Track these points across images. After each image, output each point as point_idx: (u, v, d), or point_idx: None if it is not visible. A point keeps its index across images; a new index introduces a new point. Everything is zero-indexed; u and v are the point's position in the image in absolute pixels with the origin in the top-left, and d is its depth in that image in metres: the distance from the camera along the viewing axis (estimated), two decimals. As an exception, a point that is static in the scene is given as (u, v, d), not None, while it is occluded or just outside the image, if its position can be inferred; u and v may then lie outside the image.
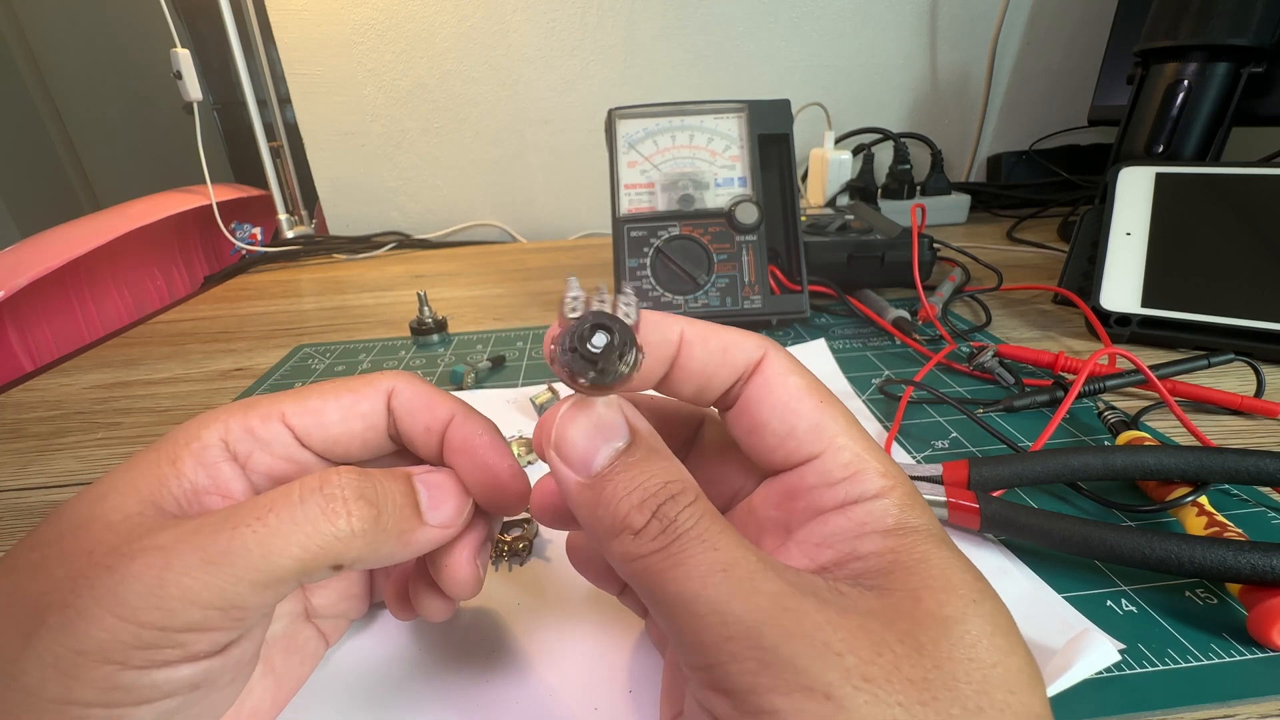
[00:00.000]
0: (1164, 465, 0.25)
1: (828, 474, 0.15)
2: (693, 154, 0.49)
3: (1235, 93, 0.50)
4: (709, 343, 0.16)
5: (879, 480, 0.15)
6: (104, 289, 0.77)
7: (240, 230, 0.80)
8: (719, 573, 0.12)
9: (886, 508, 0.14)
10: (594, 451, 0.14)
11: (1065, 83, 0.86)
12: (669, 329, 0.16)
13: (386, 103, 0.86)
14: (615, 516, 0.13)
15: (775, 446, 0.15)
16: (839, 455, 0.15)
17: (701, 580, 0.12)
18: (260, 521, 0.14)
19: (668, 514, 0.13)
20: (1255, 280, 0.39)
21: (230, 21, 0.76)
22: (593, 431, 0.14)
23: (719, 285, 0.47)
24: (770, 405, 0.15)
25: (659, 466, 0.14)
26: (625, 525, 0.13)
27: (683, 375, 0.16)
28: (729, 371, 0.16)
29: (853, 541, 0.14)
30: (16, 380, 0.50)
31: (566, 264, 0.74)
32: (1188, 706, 0.18)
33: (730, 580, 0.12)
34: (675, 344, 0.16)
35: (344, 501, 0.15)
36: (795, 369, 0.16)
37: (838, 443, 0.15)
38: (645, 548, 0.13)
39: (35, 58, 1.53)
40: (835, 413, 0.15)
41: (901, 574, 0.13)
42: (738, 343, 0.16)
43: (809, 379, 0.16)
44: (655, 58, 0.84)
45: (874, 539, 0.14)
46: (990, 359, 0.38)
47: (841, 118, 0.84)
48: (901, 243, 0.50)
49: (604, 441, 0.14)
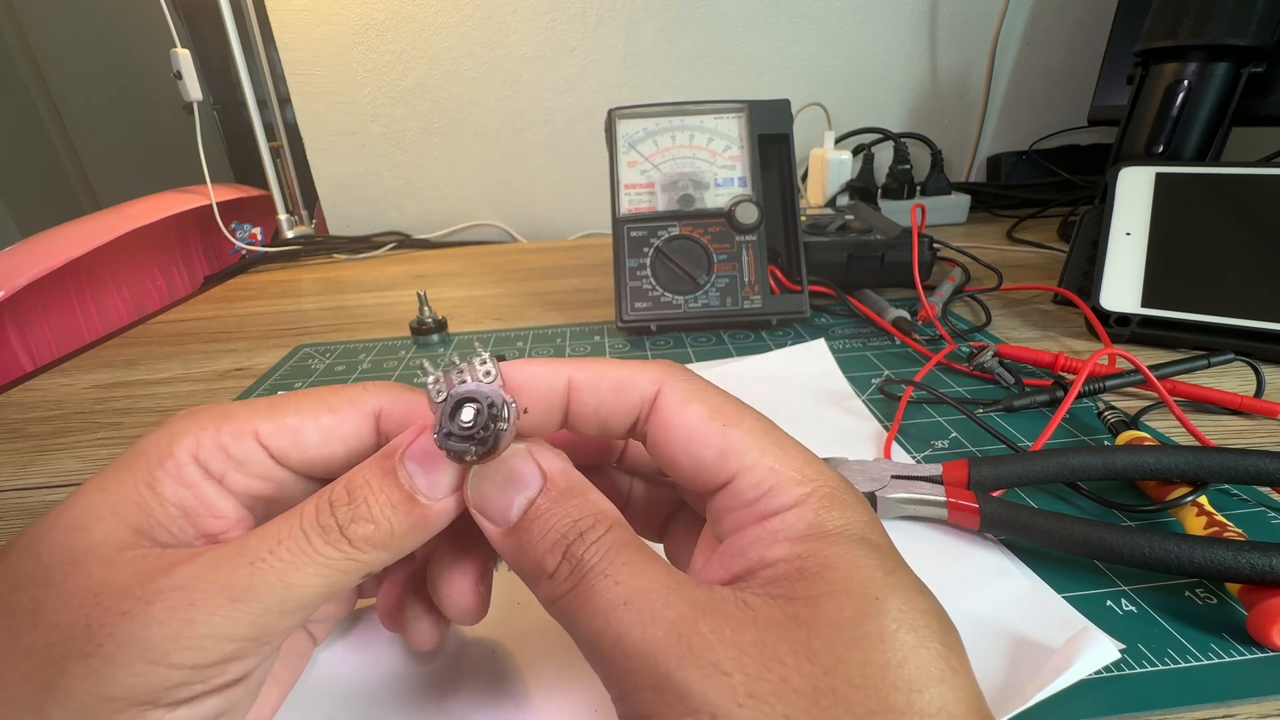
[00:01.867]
0: (1164, 465, 0.25)
1: (741, 495, 0.15)
2: (693, 154, 0.49)
3: (1235, 93, 0.50)
4: (599, 386, 0.16)
5: (794, 490, 0.14)
6: (104, 289, 0.77)
7: (240, 230, 0.80)
8: (620, 607, 0.13)
9: (800, 515, 0.14)
10: (509, 504, 0.15)
11: (1065, 83, 0.86)
12: (555, 378, 0.16)
13: (386, 103, 0.86)
14: (534, 562, 0.14)
15: (690, 478, 0.15)
16: (749, 475, 0.15)
17: (605, 617, 0.13)
18: (274, 555, 0.14)
19: (575, 553, 0.14)
20: (1255, 280, 0.39)
21: (230, 21, 0.76)
22: (505, 484, 0.15)
23: (719, 285, 0.47)
24: (673, 441, 0.15)
25: (571, 506, 0.15)
26: (542, 570, 0.14)
27: (579, 420, 0.16)
28: (624, 411, 0.16)
29: (761, 550, 0.14)
30: (16, 380, 0.50)
31: (566, 264, 0.74)
32: (1187, 706, 0.18)
33: (630, 613, 0.13)
34: (564, 391, 0.16)
35: (338, 530, 0.14)
36: (695, 395, 0.16)
37: (746, 463, 0.15)
38: (559, 589, 0.14)
39: (35, 58, 1.53)
40: (743, 431, 0.15)
41: (806, 580, 0.13)
42: (630, 380, 0.16)
43: (712, 401, 0.16)
44: (655, 58, 0.84)
45: (783, 546, 0.14)
46: (990, 359, 0.38)
47: (841, 118, 0.84)
48: (901, 243, 0.50)
49: (517, 492, 0.15)
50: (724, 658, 0.12)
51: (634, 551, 0.14)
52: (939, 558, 0.24)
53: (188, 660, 0.13)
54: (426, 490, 0.15)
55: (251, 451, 0.16)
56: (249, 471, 0.16)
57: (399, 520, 0.15)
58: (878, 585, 0.13)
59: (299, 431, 0.16)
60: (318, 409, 0.17)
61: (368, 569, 0.15)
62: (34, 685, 0.13)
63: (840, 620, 0.12)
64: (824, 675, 0.11)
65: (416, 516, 0.15)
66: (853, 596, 0.12)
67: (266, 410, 0.16)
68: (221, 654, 0.13)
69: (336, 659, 0.21)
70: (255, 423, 0.16)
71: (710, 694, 0.11)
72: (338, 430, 0.17)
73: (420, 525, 0.15)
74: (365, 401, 0.17)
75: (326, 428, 0.17)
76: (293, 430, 0.16)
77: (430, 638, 0.19)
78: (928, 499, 0.25)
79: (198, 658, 0.13)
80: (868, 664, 0.12)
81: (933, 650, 0.12)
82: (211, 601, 0.13)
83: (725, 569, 0.14)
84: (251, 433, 0.16)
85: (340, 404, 0.17)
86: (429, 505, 0.15)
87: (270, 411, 0.16)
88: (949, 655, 0.12)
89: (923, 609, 0.13)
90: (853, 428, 0.34)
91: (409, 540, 0.15)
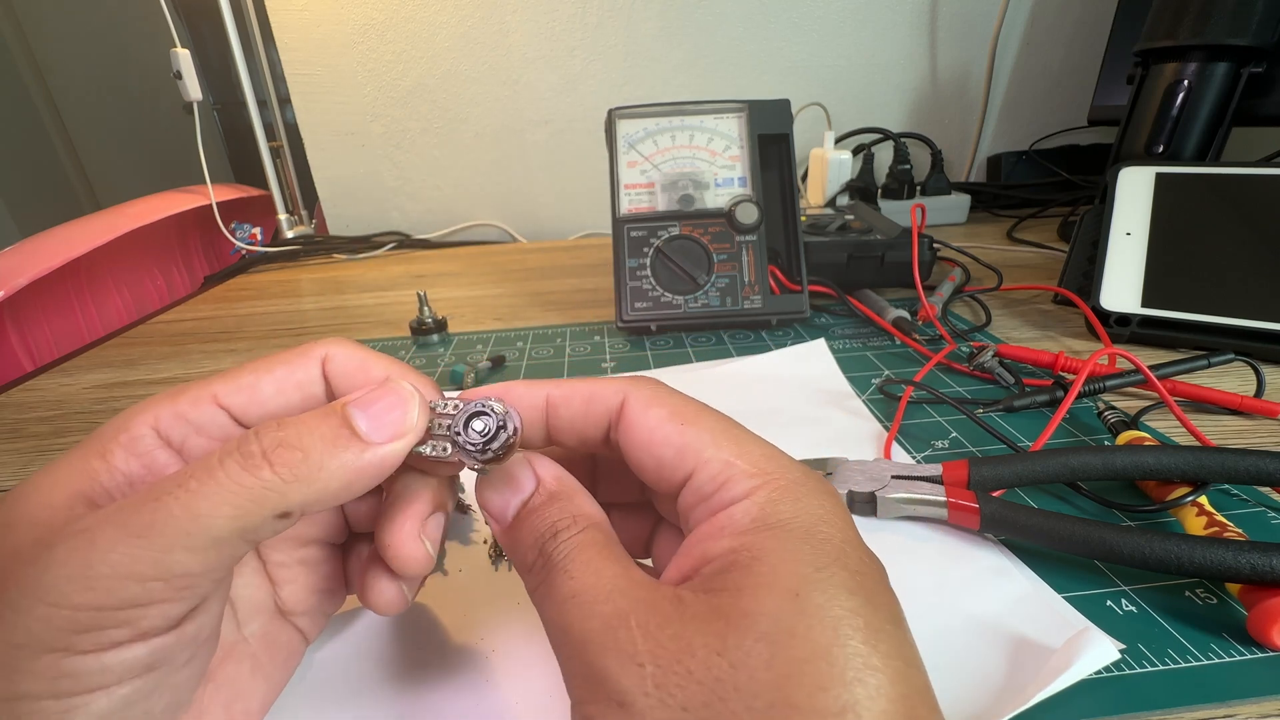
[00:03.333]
0: (1164, 465, 0.25)
1: (700, 490, 0.15)
2: (693, 154, 0.49)
3: (1235, 93, 0.50)
4: (573, 401, 0.17)
5: (747, 481, 0.15)
6: (104, 289, 0.77)
7: (240, 230, 0.80)
8: (569, 599, 0.14)
9: (746, 508, 0.14)
10: (507, 505, 0.17)
11: (1065, 83, 0.86)
12: (536, 395, 0.17)
13: (386, 103, 0.86)
14: (520, 557, 0.16)
15: (655, 479, 0.16)
16: (707, 469, 0.15)
17: (558, 607, 0.14)
18: (182, 488, 0.13)
19: (547, 550, 0.15)
20: (1255, 280, 0.39)
21: (230, 21, 0.76)
22: (504, 487, 0.17)
23: (719, 285, 0.47)
24: (637, 444, 0.16)
25: (555, 508, 0.16)
26: (524, 564, 0.16)
27: (559, 434, 0.18)
28: (595, 422, 0.17)
29: (705, 545, 0.14)
30: (16, 380, 0.50)
31: (566, 264, 0.74)
32: (1187, 706, 0.18)
33: (576, 605, 0.14)
34: (543, 408, 0.18)
35: (263, 454, 0.14)
36: (656, 400, 0.16)
37: (704, 457, 0.15)
38: (534, 582, 0.15)
39: (35, 58, 1.53)
40: (699, 428, 0.16)
41: (736, 573, 0.13)
42: (599, 393, 0.17)
43: (673, 405, 0.16)
44: (655, 58, 0.84)
45: (726, 540, 0.14)
46: (990, 359, 0.38)
47: (841, 118, 0.84)
48: (901, 243, 0.50)
49: (513, 494, 0.17)
50: (642, 650, 0.12)
51: (596, 551, 0.15)
52: (939, 558, 0.24)
53: (89, 600, 0.12)
54: (368, 430, 0.15)
55: (210, 414, 0.16)
56: (210, 434, 0.17)
57: (331, 454, 0.14)
58: (802, 580, 0.13)
59: (254, 386, 0.17)
60: (270, 364, 0.17)
61: (284, 506, 0.14)
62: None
63: (756, 613, 0.12)
64: (729, 668, 0.12)
65: (352, 453, 0.14)
66: (773, 591, 0.12)
67: (222, 377, 0.17)
68: (127, 595, 0.13)
69: (334, 660, 0.21)
70: (212, 388, 0.17)
71: (623, 682, 0.12)
72: (291, 378, 0.17)
73: (354, 465, 0.14)
74: (313, 350, 0.18)
75: (280, 378, 0.17)
76: (248, 386, 0.17)
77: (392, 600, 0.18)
78: (928, 499, 0.25)
79: (99, 598, 0.13)
80: (775, 658, 0.12)
81: (848, 648, 0.12)
82: (110, 538, 0.13)
83: (679, 569, 0.15)
84: (209, 397, 0.16)
85: (290, 356, 0.18)
86: (366, 443, 0.15)
87: (225, 377, 0.17)
88: (869, 654, 0.12)
89: (847, 606, 0.12)
90: (853, 428, 0.34)
91: (335, 480, 0.14)
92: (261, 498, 0.13)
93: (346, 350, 0.18)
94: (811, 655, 0.11)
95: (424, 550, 0.17)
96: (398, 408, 0.15)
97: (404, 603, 0.19)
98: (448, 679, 0.20)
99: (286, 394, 0.17)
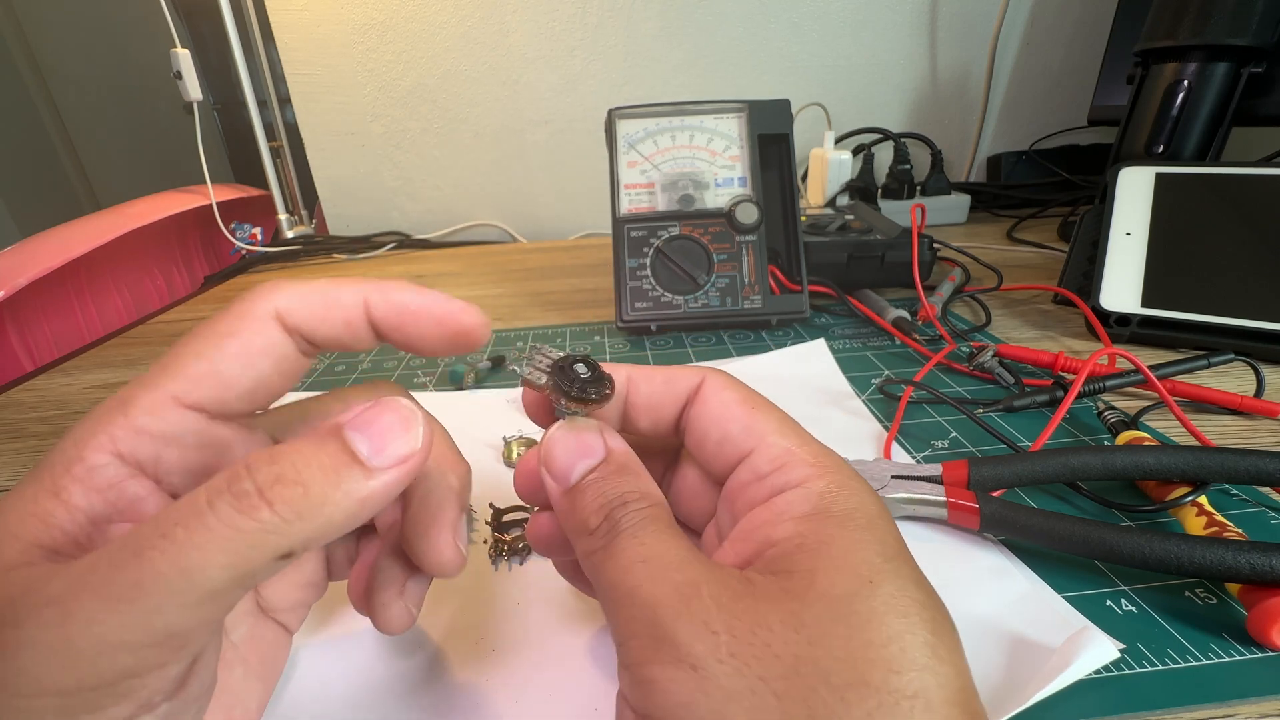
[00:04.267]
0: (1164, 465, 0.25)
1: (757, 468, 0.16)
2: (693, 154, 0.49)
3: (1235, 93, 0.50)
4: (653, 379, 0.18)
5: (805, 469, 0.15)
6: (104, 289, 0.77)
7: (240, 230, 0.80)
8: (638, 564, 0.14)
9: (806, 494, 0.15)
10: (572, 467, 0.16)
11: (1065, 83, 0.86)
12: (618, 372, 0.18)
13: (386, 103, 0.86)
14: (580, 519, 0.16)
15: (715, 453, 0.17)
16: (768, 451, 0.16)
17: (624, 569, 0.14)
18: (166, 539, 0.11)
19: (615, 516, 0.15)
20: (1255, 280, 0.39)
21: (230, 21, 0.76)
22: (574, 450, 0.17)
23: (719, 285, 0.47)
24: (707, 417, 0.17)
25: (624, 480, 0.16)
26: (585, 526, 0.15)
27: (635, 411, 0.19)
28: (673, 400, 0.18)
29: (768, 530, 0.15)
30: (16, 380, 0.50)
31: (566, 264, 0.74)
32: (1187, 706, 0.18)
33: (646, 569, 0.14)
34: (625, 383, 0.18)
35: (259, 492, 0.12)
36: (730, 385, 0.18)
37: (768, 440, 0.16)
38: (594, 544, 0.15)
39: (35, 58, 1.53)
40: (767, 415, 0.17)
41: (805, 556, 0.13)
42: (678, 374, 0.18)
43: (744, 393, 0.17)
44: (655, 58, 0.84)
45: (788, 525, 0.14)
46: (990, 359, 0.38)
47: (841, 118, 0.84)
48: (901, 243, 0.50)
49: (581, 459, 0.16)
50: (716, 618, 0.12)
51: (665, 526, 0.15)
52: (939, 558, 0.24)
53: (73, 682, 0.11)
54: (370, 454, 0.13)
55: (178, 420, 0.14)
56: (184, 444, 0.15)
57: (334, 485, 0.13)
58: (874, 568, 0.13)
59: (215, 373, 0.14)
60: (215, 339, 0.15)
61: (287, 547, 0.12)
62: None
63: (831, 595, 0.13)
64: (807, 644, 0.12)
65: (357, 482, 0.13)
66: (846, 575, 0.13)
67: (166, 372, 0.14)
68: (119, 667, 0.11)
69: (333, 660, 0.21)
70: (164, 389, 0.14)
71: (696, 647, 0.12)
72: (249, 349, 0.15)
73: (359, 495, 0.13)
74: (256, 308, 0.15)
75: (236, 353, 0.15)
76: (209, 375, 0.14)
77: (400, 621, 0.18)
78: (928, 499, 0.25)
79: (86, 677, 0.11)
80: (851, 639, 0.12)
81: (919, 637, 0.12)
82: (88, 609, 0.11)
83: (736, 552, 0.15)
84: (167, 400, 0.14)
85: (231, 324, 0.15)
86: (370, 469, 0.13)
87: (170, 370, 0.14)
88: (937, 645, 0.12)
89: (916, 598, 0.13)
90: (853, 428, 0.34)
91: (340, 512, 0.13)
92: (261, 541, 0.12)
93: (299, 295, 0.15)
94: (887, 640, 0.12)
95: (461, 553, 0.18)
96: (401, 427, 0.14)
97: (413, 619, 0.19)
98: (447, 679, 0.20)
99: (255, 366, 0.15)
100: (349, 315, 0.16)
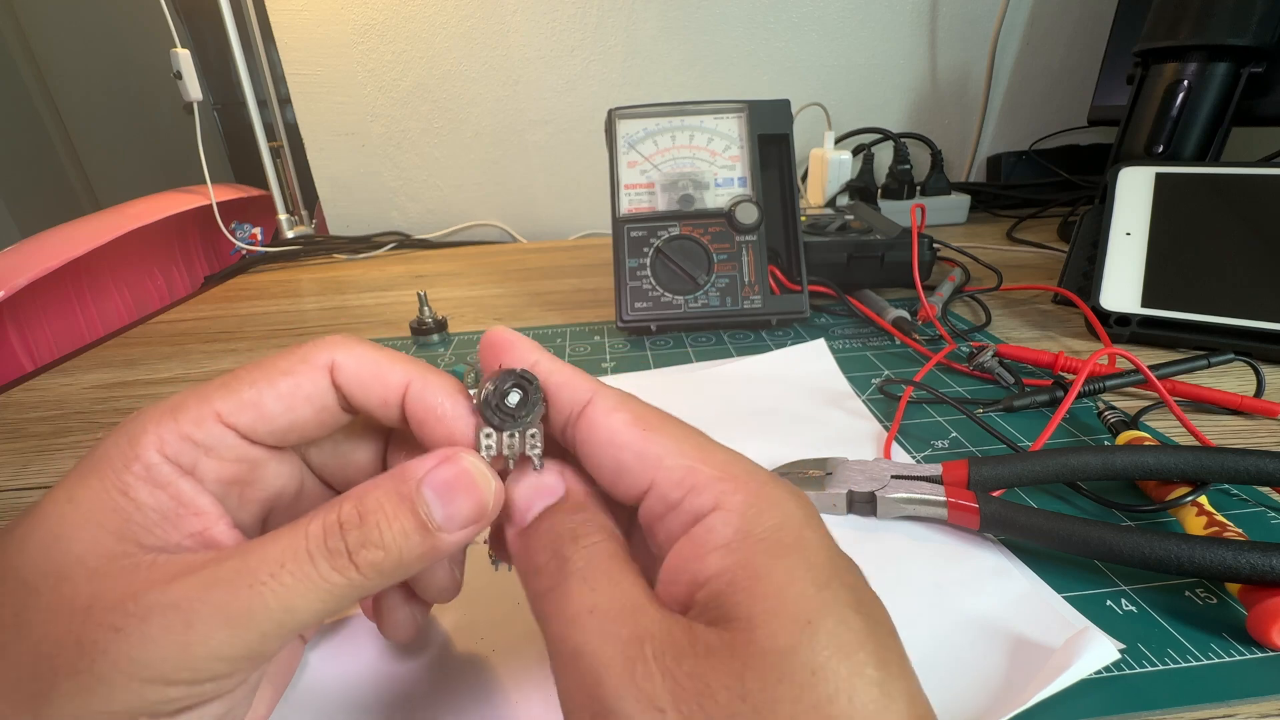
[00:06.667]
0: (1164, 465, 0.25)
1: (666, 497, 0.15)
2: (693, 154, 0.49)
3: (1235, 93, 0.50)
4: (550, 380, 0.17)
5: (716, 487, 0.14)
6: (104, 289, 0.77)
7: (240, 230, 0.80)
8: (586, 614, 0.13)
9: (725, 519, 0.14)
10: (529, 507, 0.16)
11: (1065, 83, 0.86)
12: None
13: (386, 103, 0.86)
14: (530, 559, 0.15)
15: (614, 486, 0.16)
16: (669, 475, 0.15)
17: (570, 621, 0.13)
18: (276, 580, 0.13)
19: (564, 553, 0.15)
20: (1255, 280, 0.39)
21: (230, 21, 0.76)
22: (532, 492, 0.16)
23: (719, 285, 0.47)
24: (595, 442, 0.16)
25: (578, 516, 0.16)
26: (534, 566, 0.15)
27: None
28: (558, 409, 0.16)
29: (694, 567, 0.14)
30: (16, 380, 0.50)
31: (566, 264, 0.74)
32: (1187, 706, 0.18)
33: (593, 621, 0.13)
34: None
35: (348, 554, 0.14)
36: (621, 405, 0.16)
37: (666, 463, 0.15)
38: (542, 585, 0.15)
39: (35, 58, 1.53)
40: (663, 435, 0.15)
41: (740, 597, 0.13)
42: (571, 382, 0.16)
43: (636, 410, 0.16)
44: (655, 58, 0.84)
45: (714, 558, 0.13)
46: (990, 359, 0.38)
47: (841, 118, 0.84)
48: (901, 243, 0.50)
49: (540, 499, 0.16)
50: (661, 691, 0.12)
51: (617, 564, 0.14)
52: (939, 558, 0.24)
53: (184, 678, 0.13)
54: (443, 522, 0.15)
55: (218, 435, 0.16)
56: (220, 456, 0.16)
57: (410, 549, 0.14)
58: (810, 605, 0.12)
59: (259, 404, 0.16)
60: (271, 374, 0.16)
61: (368, 593, 0.15)
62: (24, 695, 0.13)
63: (773, 650, 0.12)
64: (753, 714, 0.11)
65: (428, 547, 0.15)
66: (783, 621, 0.12)
67: (220, 390, 0.16)
68: (215, 673, 0.13)
69: (334, 661, 0.21)
70: (213, 405, 0.15)
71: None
72: (298, 393, 0.16)
73: (429, 555, 0.15)
74: (316, 357, 0.16)
75: (285, 392, 0.16)
76: (253, 404, 0.16)
77: (407, 630, 0.19)
78: (928, 499, 0.25)
79: (192, 676, 0.13)
80: (798, 701, 0.11)
81: (867, 678, 0.12)
82: (208, 624, 0.13)
83: (669, 594, 0.14)
84: (212, 415, 0.15)
85: (292, 364, 0.16)
86: (442, 538, 0.15)
87: (224, 390, 0.16)
88: (885, 680, 0.12)
89: (857, 630, 0.12)
90: (853, 428, 0.34)
91: (414, 568, 0.15)
92: (348, 594, 0.14)
93: (355, 356, 0.17)
94: (832, 694, 0.11)
95: (458, 579, 0.19)
96: (473, 495, 0.15)
97: (419, 627, 0.19)
98: (448, 679, 0.20)
99: (296, 410, 0.16)
100: (388, 396, 0.17)
